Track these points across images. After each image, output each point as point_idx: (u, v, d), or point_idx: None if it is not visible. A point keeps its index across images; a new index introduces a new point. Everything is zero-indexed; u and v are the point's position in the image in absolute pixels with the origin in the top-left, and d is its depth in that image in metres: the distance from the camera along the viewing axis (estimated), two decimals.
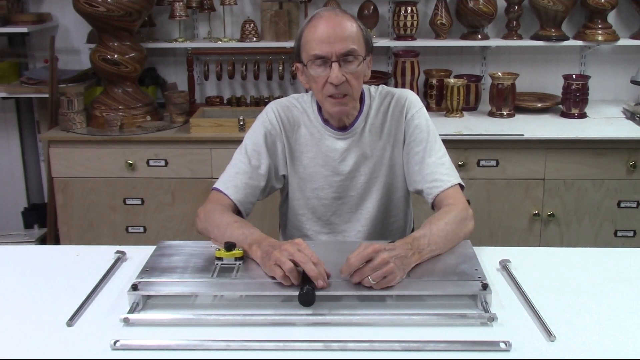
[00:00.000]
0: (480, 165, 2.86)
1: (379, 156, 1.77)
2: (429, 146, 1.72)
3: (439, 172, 1.69)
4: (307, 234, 1.83)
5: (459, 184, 1.70)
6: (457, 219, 1.57)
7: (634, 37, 3.22)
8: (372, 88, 1.81)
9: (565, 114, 3.11)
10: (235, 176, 1.72)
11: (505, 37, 3.24)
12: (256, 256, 1.44)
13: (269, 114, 1.79)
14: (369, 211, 1.79)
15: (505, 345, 1.20)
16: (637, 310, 1.35)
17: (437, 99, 3.24)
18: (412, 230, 1.98)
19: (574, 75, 3.12)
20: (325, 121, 1.76)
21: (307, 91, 1.81)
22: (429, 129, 1.75)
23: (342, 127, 1.76)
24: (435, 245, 1.48)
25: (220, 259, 1.46)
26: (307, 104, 1.79)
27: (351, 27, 1.62)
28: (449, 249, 1.52)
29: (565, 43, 3.19)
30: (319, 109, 1.76)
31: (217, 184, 1.72)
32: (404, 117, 1.76)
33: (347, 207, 1.80)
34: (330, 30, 1.59)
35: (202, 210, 1.66)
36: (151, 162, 2.90)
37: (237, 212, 1.70)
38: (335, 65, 1.60)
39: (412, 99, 1.78)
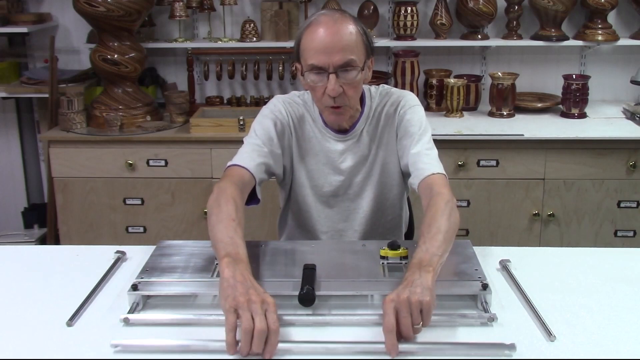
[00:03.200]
0: (480, 165, 2.86)
1: (374, 155, 1.77)
2: (417, 138, 1.70)
3: (422, 161, 1.65)
4: (307, 233, 1.83)
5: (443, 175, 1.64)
6: (448, 216, 1.46)
7: (634, 37, 3.22)
8: (373, 88, 1.81)
9: (565, 114, 3.11)
10: (250, 153, 1.66)
11: (505, 37, 3.24)
12: (222, 273, 1.26)
13: (277, 104, 1.77)
14: (364, 210, 1.80)
15: (509, 350, 1.19)
16: (637, 310, 1.35)
17: (437, 99, 3.24)
18: (408, 229, 1.98)
19: (574, 75, 3.12)
20: (326, 123, 1.76)
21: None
22: (421, 124, 1.72)
23: (343, 130, 1.76)
24: (440, 251, 1.36)
25: None
26: (310, 103, 1.79)
27: (350, 35, 1.58)
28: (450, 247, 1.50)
29: (565, 43, 3.19)
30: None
31: (232, 161, 1.64)
32: (397, 113, 1.75)
33: (344, 205, 1.81)
34: (328, 40, 1.56)
35: (216, 188, 1.55)
36: (151, 162, 2.90)
37: (252, 185, 1.62)
38: (332, 77, 1.57)
39: (408, 99, 1.77)
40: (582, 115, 3.09)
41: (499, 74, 3.12)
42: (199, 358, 1.19)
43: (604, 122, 3.01)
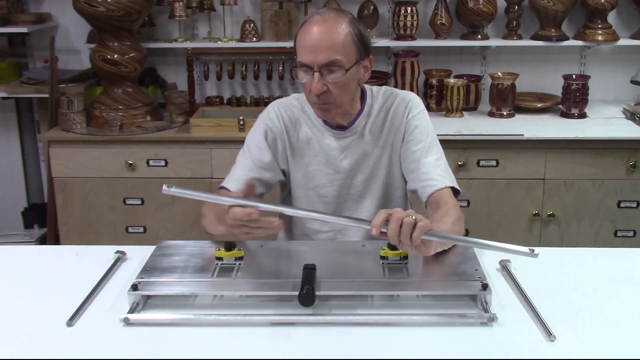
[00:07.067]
0: (480, 165, 2.86)
1: (378, 155, 1.78)
2: (427, 147, 1.73)
3: (435, 172, 1.70)
4: (308, 233, 1.83)
5: (454, 189, 1.70)
6: (457, 219, 1.57)
7: (634, 37, 3.22)
8: (375, 88, 1.81)
9: (565, 114, 3.11)
10: (236, 171, 1.76)
11: (505, 37, 3.24)
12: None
13: (271, 113, 1.80)
14: (368, 210, 1.80)
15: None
16: (637, 310, 1.35)
17: (437, 99, 3.24)
18: None
19: (574, 75, 3.12)
20: (325, 120, 1.76)
21: None
22: (429, 131, 1.76)
23: (342, 127, 1.76)
24: (446, 228, 1.48)
25: (220, 259, 1.47)
26: (308, 103, 1.79)
27: (337, 35, 1.58)
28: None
29: (565, 43, 3.19)
30: None
31: (223, 182, 1.75)
32: (405, 116, 1.76)
33: (347, 204, 1.81)
34: (315, 38, 1.58)
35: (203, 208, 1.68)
36: (151, 162, 2.90)
37: None
38: (316, 75, 1.59)
39: (415, 101, 1.79)
40: (582, 115, 3.09)
41: (499, 74, 3.12)
42: (199, 358, 1.19)
43: (604, 122, 3.01)
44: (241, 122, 2.88)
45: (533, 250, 1.31)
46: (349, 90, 1.67)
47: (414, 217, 1.29)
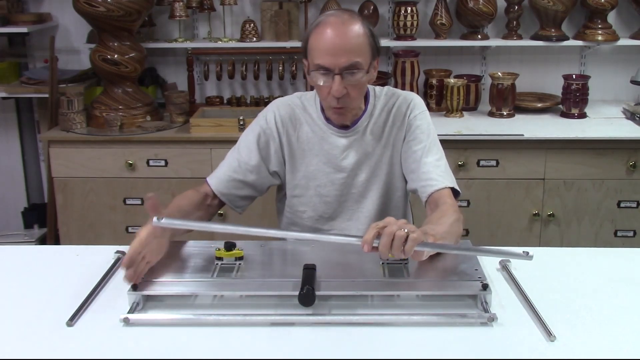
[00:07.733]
0: (480, 165, 2.86)
1: (379, 155, 1.78)
2: (428, 147, 1.73)
3: (435, 172, 1.70)
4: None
5: (454, 190, 1.70)
6: (456, 221, 1.56)
7: (634, 37, 3.22)
8: (377, 88, 1.82)
9: (565, 114, 3.11)
10: (222, 169, 1.79)
11: (505, 37, 3.24)
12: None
13: (269, 113, 1.80)
14: (368, 210, 1.80)
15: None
16: (637, 310, 1.35)
17: (437, 99, 3.24)
18: None
19: (574, 75, 3.12)
20: (328, 119, 1.77)
21: (311, 88, 1.82)
22: (430, 132, 1.76)
23: (344, 126, 1.77)
24: (443, 233, 1.46)
25: (220, 259, 1.47)
26: (310, 102, 1.80)
27: (357, 37, 1.60)
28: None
29: (565, 43, 3.19)
30: (322, 107, 1.77)
31: (208, 177, 1.80)
32: (407, 116, 1.77)
33: (348, 204, 1.81)
34: (336, 41, 1.58)
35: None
36: (151, 162, 2.90)
37: (220, 203, 1.78)
38: (337, 78, 1.59)
39: (417, 102, 1.80)
40: (582, 115, 3.09)
41: (499, 74, 3.12)
42: (199, 358, 1.19)
43: (604, 122, 3.01)
44: (241, 122, 2.88)
45: (527, 253, 1.32)
46: (363, 92, 1.70)
47: (405, 230, 1.28)
